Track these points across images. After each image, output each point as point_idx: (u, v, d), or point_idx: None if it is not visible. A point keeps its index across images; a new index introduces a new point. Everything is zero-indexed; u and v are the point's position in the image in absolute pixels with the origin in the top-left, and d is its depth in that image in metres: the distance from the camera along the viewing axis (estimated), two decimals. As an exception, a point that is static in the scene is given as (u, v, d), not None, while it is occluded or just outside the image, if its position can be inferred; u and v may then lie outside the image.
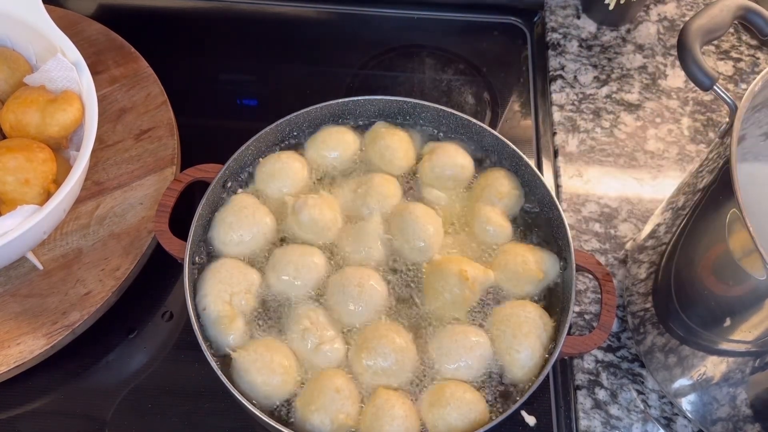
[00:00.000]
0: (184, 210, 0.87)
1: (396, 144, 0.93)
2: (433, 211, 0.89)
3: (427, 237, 0.85)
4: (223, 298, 0.80)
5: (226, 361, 0.78)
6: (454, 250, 0.87)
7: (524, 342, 0.79)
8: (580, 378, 0.89)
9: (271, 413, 0.76)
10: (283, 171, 0.90)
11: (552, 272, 0.85)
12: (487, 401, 0.78)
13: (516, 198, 0.91)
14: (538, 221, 0.90)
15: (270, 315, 0.82)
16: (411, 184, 0.93)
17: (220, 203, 0.88)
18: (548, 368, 0.77)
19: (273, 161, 0.91)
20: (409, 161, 0.94)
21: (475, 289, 0.83)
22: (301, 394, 0.77)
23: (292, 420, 0.76)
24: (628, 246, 0.98)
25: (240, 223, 0.85)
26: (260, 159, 0.91)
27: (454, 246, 0.88)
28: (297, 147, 0.94)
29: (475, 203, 0.90)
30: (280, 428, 0.72)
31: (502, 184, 0.90)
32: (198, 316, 0.80)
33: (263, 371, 0.76)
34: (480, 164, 0.94)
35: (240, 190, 0.90)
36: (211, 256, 0.85)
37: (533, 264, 0.84)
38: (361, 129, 0.96)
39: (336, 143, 0.93)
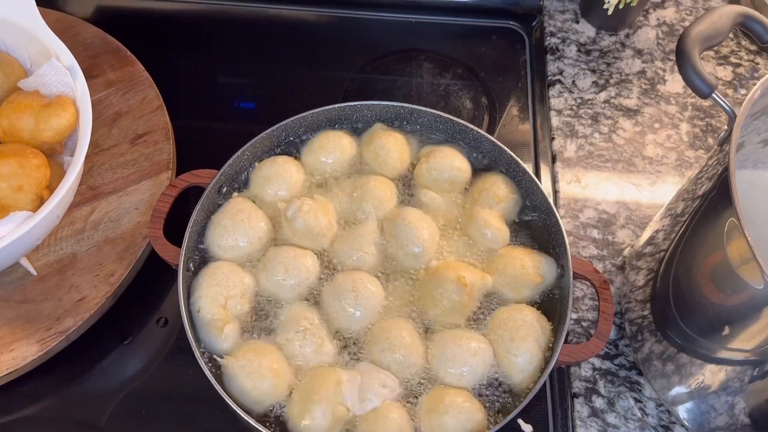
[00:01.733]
0: (179, 216, 0.86)
1: (391, 144, 0.92)
2: (427, 215, 0.88)
3: (422, 242, 0.85)
4: (218, 301, 0.80)
5: (219, 365, 0.78)
6: (451, 254, 0.87)
7: (522, 346, 0.79)
8: (577, 386, 0.88)
9: (263, 417, 0.76)
10: (279, 174, 0.89)
11: (550, 276, 0.85)
12: (486, 408, 0.78)
13: (514, 202, 0.90)
14: (536, 226, 0.90)
15: (263, 318, 0.82)
16: (407, 188, 0.92)
17: (216, 208, 0.88)
18: (545, 376, 0.77)
19: (269, 165, 0.90)
20: (403, 162, 0.93)
21: (473, 296, 0.82)
22: (300, 386, 0.77)
23: (285, 420, 0.76)
24: (626, 252, 0.98)
25: (235, 227, 0.85)
26: (256, 163, 0.91)
27: (450, 250, 0.87)
28: (293, 152, 0.94)
29: (472, 207, 0.90)
30: None
31: (500, 188, 0.90)
32: (191, 319, 0.80)
33: (252, 376, 0.76)
34: (477, 169, 0.94)
35: (236, 194, 0.89)
36: (207, 259, 0.85)
37: (531, 268, 0.84)
38: (359, 133, 0.96)
39: (333, 147, 0.92)
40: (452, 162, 0.92)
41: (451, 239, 0.88)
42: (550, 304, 0.84)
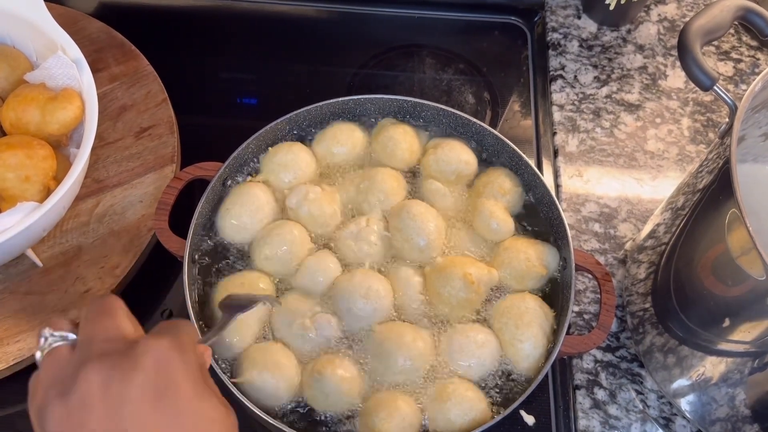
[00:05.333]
0: (184, 208, 0.87)
1: (399, 136, 0.93)
2: (433, 208, 0.88)
3: (428, 234, 0.85)
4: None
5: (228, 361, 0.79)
6: (456, 246, 0.87)
7: (527, 332, 0.79)
8: (579, 378, 0.89)
9: (277, 413, 0.77)
10: (295, 162, 0.89)
11: (553, 265, 0.86)
12: (490, 398, 0.78)
13: (518, 195, 0.91)
14: (538, 220, 0.90)
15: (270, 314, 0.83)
16: (415, 182, 0.92)
17: (220, 201, 0.88)
18: (547, 367, 0.77)
19: (285, 151, 0.90)
20: (412, 155, 0.93)
21: (480, 291, 0.83)
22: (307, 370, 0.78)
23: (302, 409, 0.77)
24: (627, 246, 0.99)
25: (244, 206, 0.85)
26: (269, 148, 0.91)
27: (455, 242, 0.87)
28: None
29: (477, 199, 0.90)
30: (282, 428, 0.72)
31: (504, 181, 0.91)
32: (197, 314, 0.80)
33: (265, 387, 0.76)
34: (480, 164, 0.94)
35: (249, 178, 0.90)
36: (215, 246, 0.86)
37: (536, 260, 0.84)
38: (366, 128, 0.96)
39: (346, 139, 0.93)
40: (459, 155, 0.92)
41: (456, 231, 0.89)
42: (553, 296, 0.85)
